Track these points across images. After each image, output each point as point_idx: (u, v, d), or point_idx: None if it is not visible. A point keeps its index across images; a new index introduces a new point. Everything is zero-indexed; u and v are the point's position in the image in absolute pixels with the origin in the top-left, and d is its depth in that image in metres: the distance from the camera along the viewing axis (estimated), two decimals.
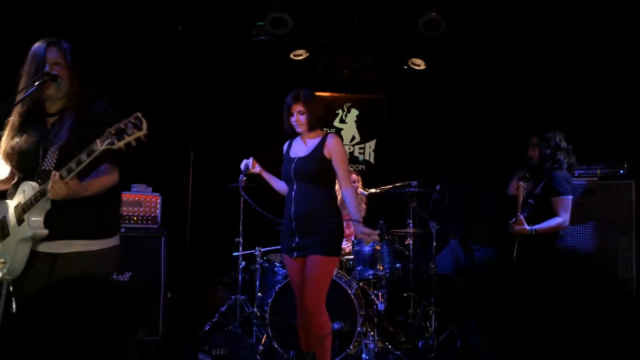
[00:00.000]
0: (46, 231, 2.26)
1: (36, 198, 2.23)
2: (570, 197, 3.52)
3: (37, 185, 2.26)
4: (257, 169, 3.46)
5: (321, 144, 3.27)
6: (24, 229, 2.27)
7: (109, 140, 2.01)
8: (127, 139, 2.01)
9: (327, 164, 3.25)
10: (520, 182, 3.57)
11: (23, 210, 2.27)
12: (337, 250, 3.28)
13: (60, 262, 2.29)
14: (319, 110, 3.35)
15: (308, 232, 3.22)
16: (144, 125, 2.01)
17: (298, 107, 3.28)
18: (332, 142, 3.26)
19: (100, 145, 2.03)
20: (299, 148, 3.37)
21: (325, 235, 3.20)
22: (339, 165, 3.26)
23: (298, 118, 3.28)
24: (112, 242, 2.40)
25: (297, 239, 3.25)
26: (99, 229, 2.36)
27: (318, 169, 3.24)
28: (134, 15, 4.87)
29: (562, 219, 3.49)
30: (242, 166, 3.42)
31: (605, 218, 4.25)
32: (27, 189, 2.28)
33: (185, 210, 4.46)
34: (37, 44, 2.37)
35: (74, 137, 2.27)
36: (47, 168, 2.29)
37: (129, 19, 4.88)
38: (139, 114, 2.02)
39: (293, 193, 3.29)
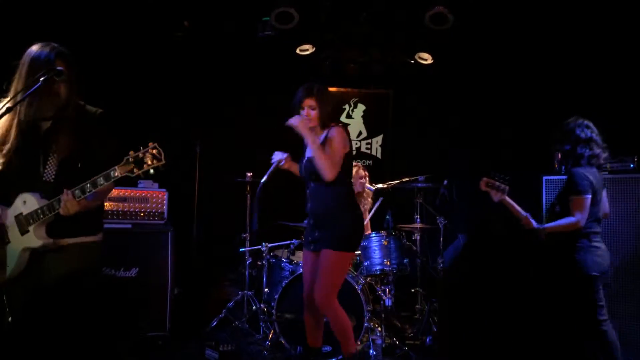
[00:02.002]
0: (52, 240, 2.33)
1: (44, 212, 2.28)
2: (587, 196, 3.20)
3: (40, 197, 2.30)
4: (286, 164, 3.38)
5: (324, 140, 3.16)
6: (30, 240, 2.32)
7: (129, 169, 2.17)
8: (147, 167, 2.17)
9: None
10: (484, 178, 3.25)
11: (27, 221, 2.31)
12: (350, 246, 3.23)
13: (49, 255, 2.34)
14: (331, 106, 3.24)
15: (324, 226, 3.21)
16: (163, 156, 2.16)
17: (310, 102, 3.17)
18: (332, 132, 3.14)
19: (120, 173, 2.17)
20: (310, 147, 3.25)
21: (338, 230, 3.17)
22: (329, 150, 3.09)
23: (309, 112, 3.17)
24: (97, 238, 2.48)
25: (316, 233, 3.25)
26: (89, 227, 2.43)
27: None
28: (139, 11, 4.87)
29: (575, 218, 3.18)
30: (274, 159, 3.36)
31: (615, 212, 4.20)
32: (29, 201, 2.31)
33: (192, 206, 4.46)
34: (35, 48, 2.32)
35: (74, 150, 2.33)
36: (49, 180, 2.33)
37: (135, 14, 4.87)
38: (157, 145, 2.17)
39: (308, 191, 3.29)
